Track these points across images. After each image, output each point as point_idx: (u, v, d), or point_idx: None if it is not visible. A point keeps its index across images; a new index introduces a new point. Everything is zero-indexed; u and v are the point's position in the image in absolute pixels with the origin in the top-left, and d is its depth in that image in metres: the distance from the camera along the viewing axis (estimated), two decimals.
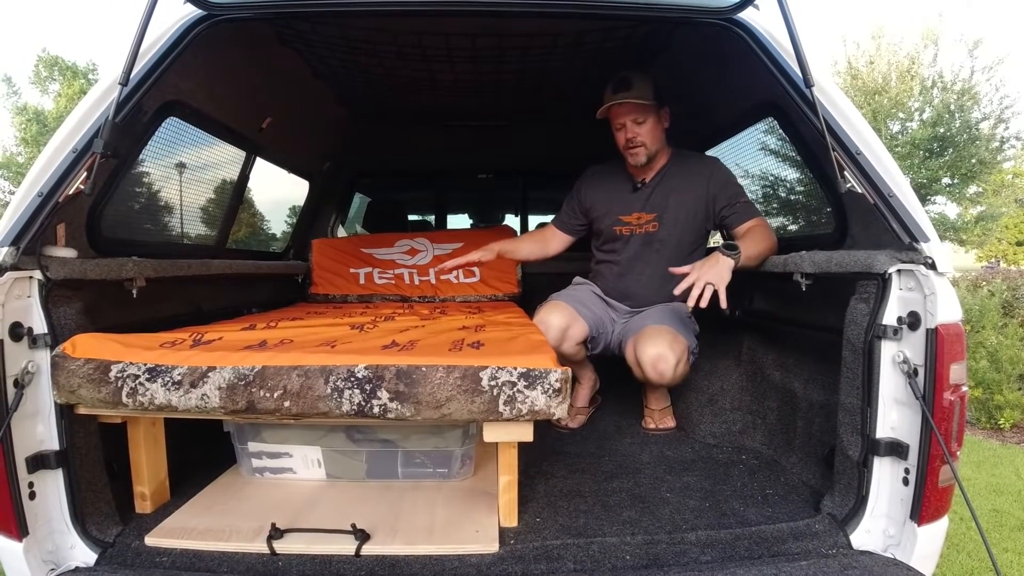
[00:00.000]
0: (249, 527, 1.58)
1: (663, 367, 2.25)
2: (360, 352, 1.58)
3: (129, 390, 1.47)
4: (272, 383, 1.47)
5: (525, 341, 1.81)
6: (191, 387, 1.47)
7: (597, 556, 1.50)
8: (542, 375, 1.47)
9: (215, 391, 1.47)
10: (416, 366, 1.47)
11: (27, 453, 1.46)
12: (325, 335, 1.88)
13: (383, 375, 1.46)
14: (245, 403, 1.47)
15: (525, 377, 1.46)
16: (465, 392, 1.45)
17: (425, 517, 1.64)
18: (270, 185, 3.74)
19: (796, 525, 1.60)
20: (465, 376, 1.46)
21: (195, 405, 1.48)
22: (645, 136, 2.45)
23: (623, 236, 2.61)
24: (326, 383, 1.46)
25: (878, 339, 1.52)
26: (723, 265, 2.08)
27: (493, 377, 1.46)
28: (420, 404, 1.45)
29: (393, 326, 2.13)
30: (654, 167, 2.55)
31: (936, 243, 1.48)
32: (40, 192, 1.48)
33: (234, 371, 1.48)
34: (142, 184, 2.39)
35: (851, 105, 1.66)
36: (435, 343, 1.76)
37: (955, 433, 1.46)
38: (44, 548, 1.48)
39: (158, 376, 1.48)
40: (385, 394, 1.45)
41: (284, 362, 1.50)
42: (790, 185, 2.74)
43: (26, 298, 1.49)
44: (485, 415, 1.47)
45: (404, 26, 2.19)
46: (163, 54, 1.62)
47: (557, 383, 1.46)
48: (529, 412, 1.46)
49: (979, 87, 16.37)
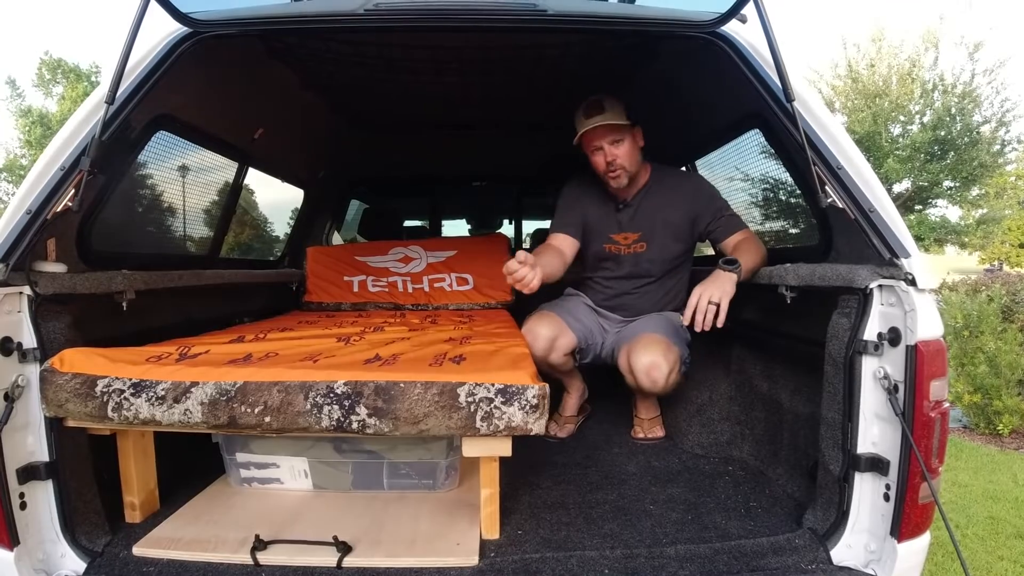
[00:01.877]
0: (234, 538, 1.59)
1: (656, 375, 2.26)
2: (341, 367, 1.60)
3: (114, 405, 1.50)
4: (253, 399, 1.49)
5: (506, 356, 1.82)
6: (174, 402, 1.50)
7: (576, 570, 1.51)
8: (519, 391, 1.48)
9: (197, 406, 1.49)
10: (394, 382, 1.49)
11: (18, 464, 1.48)
12: (310, 348, 1.89)
13: (362, 391, 1.48)
14: (227, 418, 1.49)
15: (502, 393, 1.48)
16: (443, 408, 1.47)
17: (408, 529, 1.66)
18: (264, 194, 3.76)
19: (776, 540, 1.60)
20: (443, 392, 1.48)
21: (178, 420, 1.50)
22: (624, 158, 2.41)
23: (614, 255, 2.62)
24: (306, 399, 1.48)
25: (859, 354, 1.52)
26: (725, 279, 2.11)
27: (471, 393, 1.48)
28: (398, 420, 1.47)
29: (380, 337, 2.15)
30: (635, 186, 2.54)
31: (916, 259, 1.48)
32: (28, 209, 1.50)
33: (216, 387, 1.51)
34: (133, 197, 2.41)
35: (833, 119, 1.66)
36: (417, 357, 1.78)
37: (936, 450, 1.45)
38: (35, 557, 1.50)
39: (142, 391, 1.50)
40: (364, 410, 1.47)
41: (265, 378, 1.52)
42: (776, 197, 2.74)
43: (16, 313, 1.51)
44: (463, 431, 1.49)
45: (391, 39, 2.21)
46: (149, 72, 1.63)
47: (534, 399, 1.48)
48: (506, 428, 1.48)
49: (980, 90, 16.32)
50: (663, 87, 2.62)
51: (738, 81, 1.76)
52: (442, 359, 1.75)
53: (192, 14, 1.62)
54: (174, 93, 2.02)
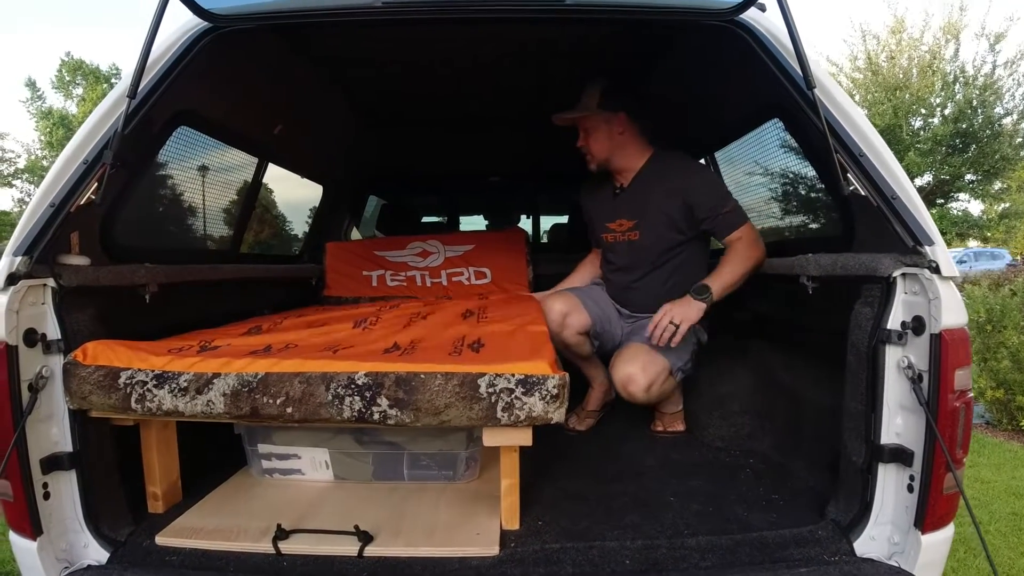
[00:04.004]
0: (256, 527, 1.61)
1: (632, 389, 2.26)
2: (362, 357, 1.60)
3: (138, 396, 1.51)
4: (275, 390, 1.50)
5: (526, 338, 1.82)
6: (197, 393, 1.51)
7: (596, 560, 1.50)
8: (540, 381, 1.48)
9: (220, 397, 1.50)
10: (415, 373, 1.49)
11: (42, 455, 1.50)
12: (328, 338, 1.90)
13: (382, 382, 1.48)
14: (249, 409, 1.51)
15: (523, 384, 1.48)
16: (463, 399, 1.47)
17: (428, 519, 1.66)
18: (283, 190, 3.78)
19: (799, 531, 1.59)
20: (463, 383, 1.47)
21: (201, 411, 1.52)
22: (591, 145, 2.49)
23: (611, 243, 2.62)
24: (327, 390, 1.49)
25: (882, 344, 1.50)
26: (692, 307, 2.18)
27: (491, 384, 1.48)
28: (419, 411, 1.47)
29: (395, 316, 2.14)
30: (630, 171, 2.53)
31: (941, 246, 1.46)
32: (52, 203, 1.52)
33: (238, 378, 1.52)
34: (155, 192, 2.43)
35: (855, 106, 1.64)
36: (436, 344, 1.78)
37: (960, 440, 1.43)
38: (58, 547, 1.52)
39: (165, 383, 1.52)
40: (385, 401, 1.47)
41: (286, 368, 1.53)
42: (798, 187, 2.71)
43: (40, 305, 1.53)
44: (483, 421, 1.49)
45: (408, 33, 2.21)
46: (170, 66, 1.65)
47: (555, 389, 1.48)
48: (527, 418, 1.47)
49: (1002, 82, 16.09)
50: (680, 78, 2.60)
51: (757, 70, 1.74)
52: (460, 346, 1.75)
53: (212, 9, 1.63)
54: (194, 88, 2.03)
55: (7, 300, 1.43)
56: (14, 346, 1.44)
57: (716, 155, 3.00)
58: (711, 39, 2.00)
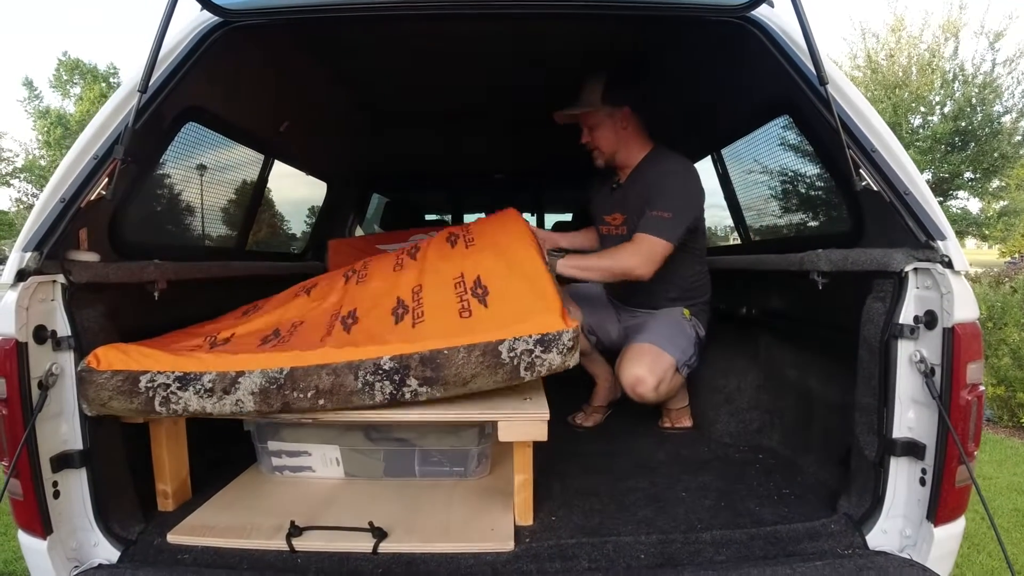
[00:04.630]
0: (269, 524, 1.60)
1: (642, 390, 2.26)
2: (375, 326, 1.64)
3: (161, 399, 1.52)
4: (304, 384, 1.52)
5: (525, 281, 1.81)
6: (224, 393, 1.52)
7: (612, 555, 1.50)
8: (556, 338, 1.55)
9: (248, 396, 1.52)
10: (438, 351, 1.53)
11: (51, 453, 1.49)
12: (327, 302, 1.92)
13: (408, 364, 1.53)
14: (280, 405, 1.53)
15: (540, 343, 1.54)
16: (488, 368, 1.53)
17: (441, 515, 1.66)
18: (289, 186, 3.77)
19: (812, 525, 1.59)
20: (486, 353, 1.53)
21: (230, 411, 1.53)
22: (597, 141, 2.48)
23: (606, 236, 2.63)
24: (356, 379, 1.52)
25: (895, 338, 1.51)
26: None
27: (511, 348, 1.54)
28: (448, 384, 1.53)
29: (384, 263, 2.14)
30: (628, 167, 2.53)
31: (953, 241, 1.47)
32: (63, 198, 1.51)
33: (263, 375, 1.53)
34: (163, 188, 2.42)
35: (866, 102, 1.64)
36: (441, 301, 1.78)
37: (972, 433, 1.44)
38: (68, 546, 1.52)
39: (189, 384, 1.52)
40: (414, 381, 1.53)
41: (311, 361, 1.54)
42: (807, 183, 2.71)
43: (50, 301, 1.52)
44: (508, 382, 1.55)
45: (418, 29, 2.21)
46: (181, 61, 1.65)
47: (570, 341, 1.55)
48: (547, 371, 1.56)
49: (1001, 80, 16.11)
50: (689, 74, 2.60)
51: (768, 66, 1.74)
52: (465, 295, 1.75)
53: (222, 4, 1.63)
54: (203, 84, 2.03)
55: (17, 296, 1.42)
56: (24, 343, 1.43)
57: (723, 152, 3.00)
58: (721, 35, 2.00)
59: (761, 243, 3.05)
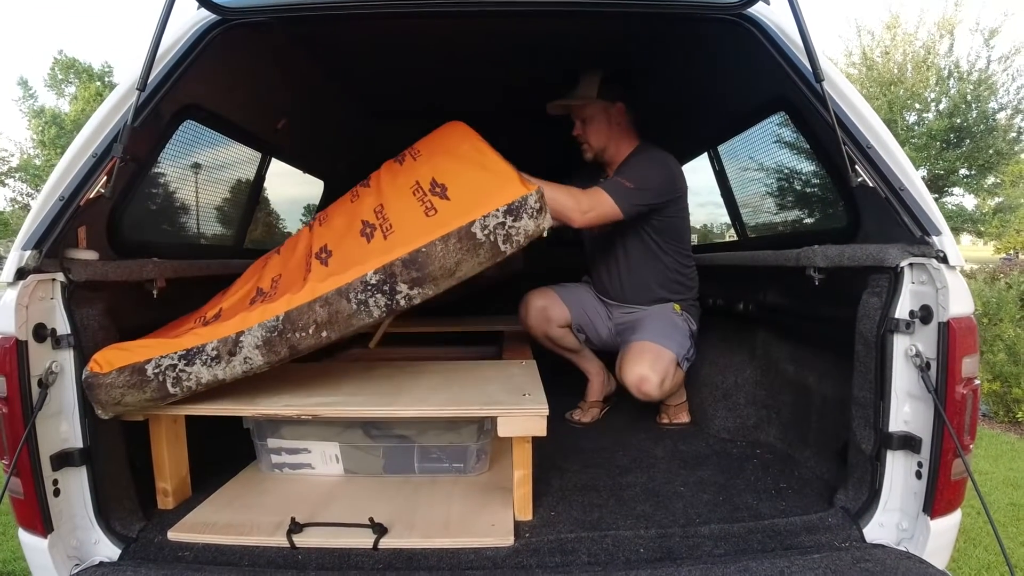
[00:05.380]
0: (269, 521, 1.60)
1: (647, 388, 2.28)
2: (350, 251, 1.66)
3: (172, 380, 1.53)
4: (302, 322, 1.54)
5: (474, 164, 1.81)
6: (230, 356, 1.54)
7: (611, 549, 1.51)
8: (522, 203, 1.55)
9: (254, 351, 1.54)
10: (416, 250, 1.53)
11: (52, 451, 1.49)
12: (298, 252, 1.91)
13: (393, 272, 1.53)
14: (287, 349, 1.55)
15: (509, 212, 1.55)
16: (468, 251, 1.54)
17: (441, 511, 1.66)
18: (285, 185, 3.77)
19: (809, 519, 1.60)
20: (461, 238, 1.54)
21: (241, 370, 1.55)
22: (588, 135, 2.50)
23: (589, 234, 2.64)
24: (349, 301, 1.53)
25: (890, 333, 1.52)
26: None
27: (484, 227, 1.54)
28: (437, 279, 1.55)
29: (342, 204, 2.14)
30: (615, 163, 2.54)
31: (948, 236, 1.48)
32: (61, 196, 1.51)
33: (262, 327, 1.54)
34: (161, 187, 2.43)
35: (862, 99, 1.65)
36: (402, 207, 1.77)
37: (968, 426, 1.46)
38: (68, 544, 1.52)
39: (194, 358, 1.53)
40: (403, 286, 1.54)
41: (302, 300, 1.55)
42: (803, 180, 2.72)
43: (49, 300, 1.51)
44: (492, 259, 1.56)
45: (415, 27, 2.21)
46: (179, 59, 1.64)
47: (536, 203, 1.56)
48: (525, 238, 1.57)
49: (996, 77, 16.16)
50: (685, 71, 2.60)
51: (764, 63, 1.75)
52: (424, 197, 1.74)
53: (220, 2, 1.63)
54: (201, 82, 2.03)
55: (16, 295, 1.42)
56: (24, 341, 1.43)
57: (720, 149, 3.01)
58: (717, 32, 2.01)
59: (758, 239, 3.06)
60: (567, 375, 2.69)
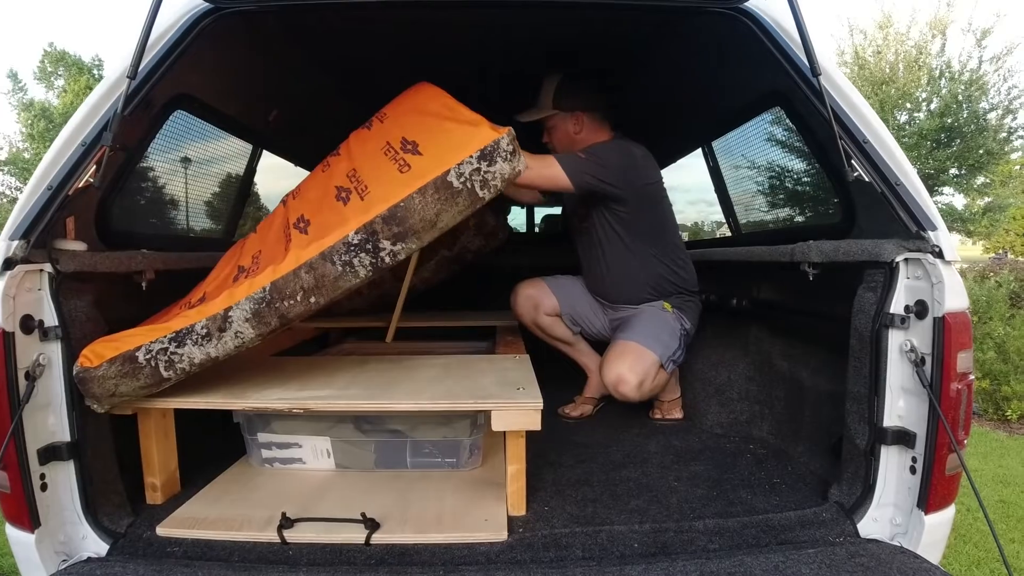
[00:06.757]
0: (260, 516, 1.59)
1: (623, 389, 2.26)
2: (328, 217, 1.64)
3: (165, 363, 1.51)
4: (289, 290, 1.52)
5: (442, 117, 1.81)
6: (220, 332, 1.52)
7: (605, 544, 1.50)
8: (494, 147, 1.55)
9: (244, 324, 1.52)
10: (395, 205, 1.52)
11: (39, 445, 1.47)
12: (278, 226, 1.90)
13: (374, 229, 1.52)
14: (277, 319, 1.53)
15: (482, 158, 1.54)
16: (446, 200, 1.53)
17: (434, 506, 1.65)
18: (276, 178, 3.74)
19: (803, 513, 1.60)
20: (438, 188, 1.53)
21: (233, 346, 1.53)
22: (553, 143, 2.54)
23: (578, 234, 2.66)
24: (334, 264, 1.52)
25: (885, 328, 1.52)
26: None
27: (459, 175, 1.53)
28: (419, 232, 1.54)
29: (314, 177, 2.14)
30: None
31: (943, 232, 1.48)
32: (50, 185, 1.49)
33: (249, 300, 1.53)
34: (151, 177, 2.40)
35: (858, 94, 1.65)
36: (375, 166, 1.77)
37: (962, 421, 1.46)
38: (56, 539, 1.50)
39: (185, 338, 1.52)
40: (386, 242, 1.53)
41: (287, 268, 1.54)
42: (797, 175, 2.72)
43: (37, 291, 1.49)
44: (471, 207, 1.56)
45: (410, 17, 2.19)
46: (171, 47, 1.62)
47: (509, 145, 1.56)
48: (502, 181, 1.56)
49: (987, 77, 16.22)
50: (681, 66, 2.59)
51: (760, 57, 1.74)
52: (398, 156, 1.73)
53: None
54: (193, 72, 2.00)
55: (3, 286, 1.40)
56: (11, 333, 1.41)
57: (715, 144, 3.00)
58: (713, 26, 2.00)
59: (752, 235, 3.06)
60: (561, 371, 2.69)
